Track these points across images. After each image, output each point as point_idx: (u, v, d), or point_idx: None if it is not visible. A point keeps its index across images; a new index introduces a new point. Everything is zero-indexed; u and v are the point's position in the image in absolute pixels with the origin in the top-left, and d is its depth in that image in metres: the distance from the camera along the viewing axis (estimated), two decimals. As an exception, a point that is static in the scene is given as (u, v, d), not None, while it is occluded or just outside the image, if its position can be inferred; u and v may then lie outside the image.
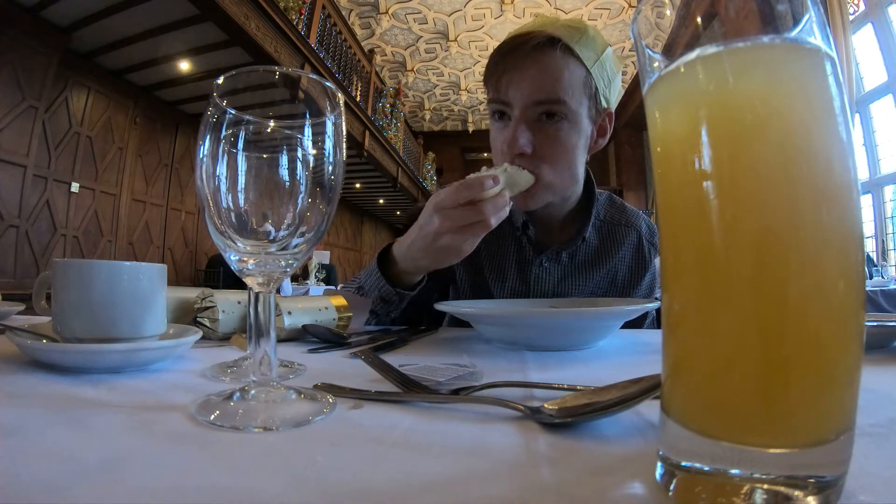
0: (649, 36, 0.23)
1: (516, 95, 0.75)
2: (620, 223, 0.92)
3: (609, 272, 0.90)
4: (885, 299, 3.46)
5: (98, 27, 4.26)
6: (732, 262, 0.19)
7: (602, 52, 0.78)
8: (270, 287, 0.34)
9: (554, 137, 0.76)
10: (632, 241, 0.91)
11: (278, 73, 0.35)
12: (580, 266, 0.89)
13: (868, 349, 0.26)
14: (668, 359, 0.22)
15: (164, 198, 5.93)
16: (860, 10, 5.24)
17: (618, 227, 0.92)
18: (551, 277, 0.89)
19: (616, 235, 0.91)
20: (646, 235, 0.92)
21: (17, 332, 0.47)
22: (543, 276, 0.89)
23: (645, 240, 0.92)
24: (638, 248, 0.91)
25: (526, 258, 0.90)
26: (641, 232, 0.92)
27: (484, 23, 8.59)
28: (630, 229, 0.92)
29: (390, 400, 0.35)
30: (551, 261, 0.88)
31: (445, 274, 0.92)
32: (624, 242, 0.91)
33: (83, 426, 0.29)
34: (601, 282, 0.89)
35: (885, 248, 5.25)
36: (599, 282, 0.89)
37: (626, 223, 0.92)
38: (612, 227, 0.92)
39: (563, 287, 0.89)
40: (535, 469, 0.24)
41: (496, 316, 0.64)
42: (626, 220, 0.93)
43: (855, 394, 0.19)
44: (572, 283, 0.89)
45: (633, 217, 0.94)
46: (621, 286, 0.90)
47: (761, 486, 0.18)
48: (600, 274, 0.89)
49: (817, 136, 0.19)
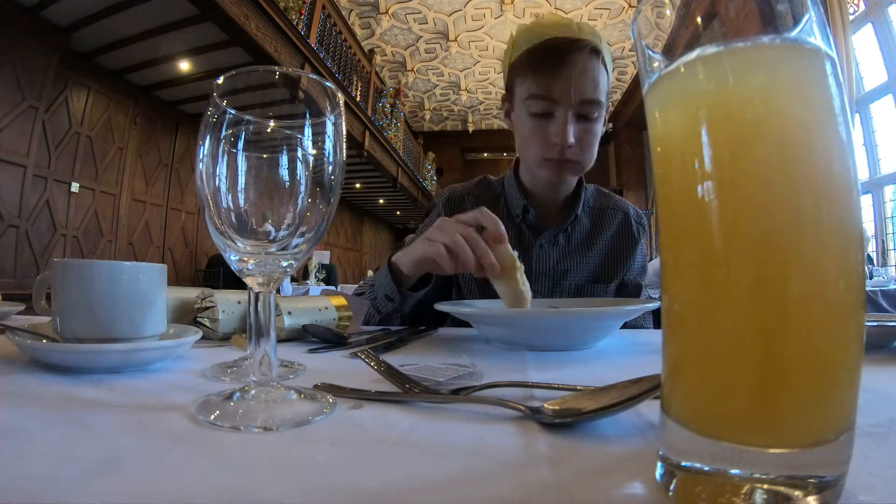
0: (649, 36, 0.23)
1: (564, 93, 0.84)
2: (609, 207, 1.04)
3: (601, 250, 1.00)
4: (885, 299, 3.45)
5: (98, 27, 4.26)
6: (732, 262, 0.19)
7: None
8: (270, 287, 0.34)
9: (589, 129, 0.88)
10: (619, 220, 1.02)
11: (278, 73, 0.35)
12: (576, 247, 0.99)
13: (868, 349, 0.26)
14: (668, 359, 0.22)
15: (164, 198, 5.94)
16: (860, 10, 5.24)
17: (607, 210, 1.03)
18: (550, 258, 0.98)
19: (606, 218, 1.02)
20: (633, 216, 1.04)
21: (17, 332, 0.47)
22: (543, 256, 0.97)
23: (632, 219, 1.03)
24: (626, 226, 1.02)
25: (525, 242, 0.98)
26: (629, 213, 1.04)
27: (484, 23, 8.59)
28: (617, 211, 1.04)
29: (390, 400, 0.35)
30: (550, 242, 0.97)
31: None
32: (613, 223, 1.02)
33: (83, 426, 0.29)
34: (596, 259, 0.99)
35: (885, 248, 5.25)
36: (594, 259, 0.99)
37: (614, 206, 1.04)
38: (601, 211, 1.03)
39: (562, 267, 0.98)
40: (535, 469, 0.23)
41: (496, 316, 0.64)
42: (613, 205, 1.05)
43: (855, 394, 0.19)
44: (570, 264, 0.98)
45: (621, 202, 1.06)
46: (614, 260, 1.00)
47: (761, 486, 0.18)
48: (594, 252, 0.99)
49: (817, 136, 0.19)
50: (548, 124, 0.87)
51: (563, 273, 0.97)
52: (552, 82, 0.85)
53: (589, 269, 0.99)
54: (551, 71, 0.84)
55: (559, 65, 0.84)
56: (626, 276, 1.00)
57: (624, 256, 1.00)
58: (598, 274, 0.99)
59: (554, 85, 0.85)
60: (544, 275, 0.97)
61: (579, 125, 0.87)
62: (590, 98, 0.85)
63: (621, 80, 9.43)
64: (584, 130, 0.88)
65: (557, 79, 0.84)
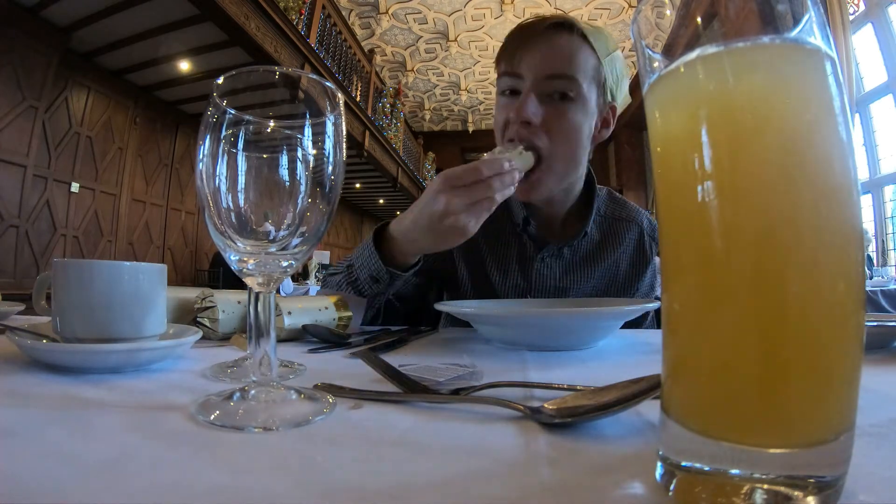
0: (649, 36, 0.23)
1: (530, 67, 0.76)
2: (622, 218, 0.92)
3: (610, 267, 0.89)
4: (885, 299, 3.46)
5: (98, 27, 4.26)
6: (732, 262, 0.19)
7: (613, 51, 0.81)
8: (270, 287, 0.34)
9: (562, 113, 0.76)
10: (633, 236, 0.91)
11: (278, 73, 0.35)
12: (581, 261, 0.89)
13: (868, 349, 0.26)
14: (668, 359, 0.22)
15: (164, 198, 5.94)
16: (860, 10, 5.24)
17: (619, 222, 0.92)
18: (553, 273, 0.88)
19: (617, 230, 0.91)
20: (647, 230, 0.92)
21: (17, 332, 0.47)
22: (545, 271, 0.88)
23: (646, 234, 0.92)
24: (639, 243, 0.91)
25: (527, 254, 0.89)
26: (643, 227, 0.92)
27: (484, 23, 8.60)
28: (631, 224, 0.92)
29: (390, 400, 0.35)
30: (553, 256, 0.88)
31: (445, 270, 0.92)
32: (625, 237, 0.91)
33: (83, 426, 0.29)
34: (602, 277, 0.89)
35: (885, 248, 5.25)
36: (601, 277, 0.89)
37: (628, 218, 0.93)
38: (612, 222, 0.92)
39: (565, 283, 0.88)
40: (535, 469, 0.23)
41: (496, 316, 0.64)
42: (627, 215, 0.93)
43: (855, 394, 0.19)
44: (574, 279, 0.88)
45: (634, 212, 0.94)
46: (623, 281, 0.90)
47: (761, 486, 0.18)
48: (601, 269, 0.89)
49: (817, 136, 0.19)
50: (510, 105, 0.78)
51: (564, 290, 0.87)
52: (514, 56, 0.78)
53: (593, 287, 0.89)
54: (517, 44, 0.78)
55: (528, 38, 0.77)
56: (635, 293, 0.91)
57: (634, 277, 0.90)
58: (604, 292, 0.90)
59: (515, 58, 0.77)
60: (543, 292, 0.88)
61: (548, 106, 0.76)
62: (557, 72, 0.75)
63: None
64: (554, 114, 0.76)
65: (520, 51, 0.77)
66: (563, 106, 0.77)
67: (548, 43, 0.76)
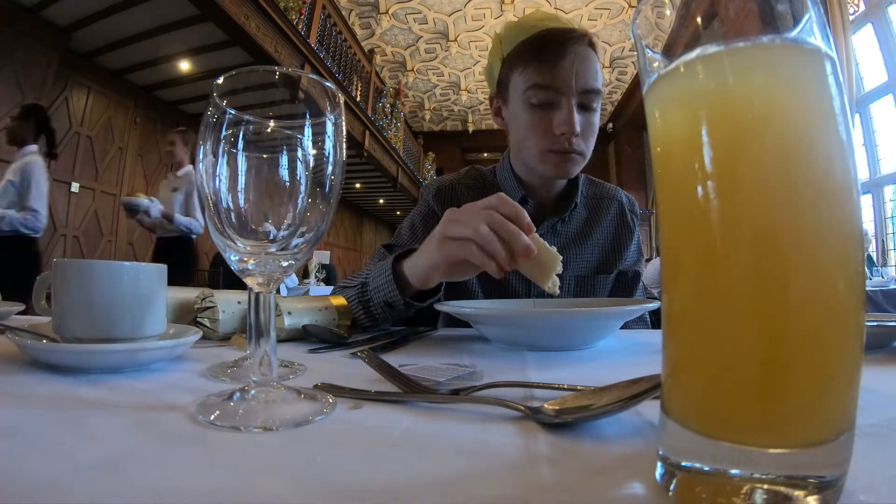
0: (649, 36, 0.23)
1: (570, 83, 0.84)
2: (603, 196, 1.05)
3: (599, 240, 1.01)
4: (885, 299, 3.45)
5: (98, 27, 4.26)
6: (732, 262, 0.19)
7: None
8: (270, 287, 0.34)
9: (591, 121, 0.89)
10: (615, 210, 1.04)
11: (278, 73, 0.35)
12: (573, 238, 0.99)
13: (868, 349, 0.26)
14: (668, 359, 0.22)
15: (164, 198, 5.92)
16: (860, 10, 5.24)
17: (601, 200, 1.05)
18: None
19: (600, 207, 1.04)
20: (626, 205, 1.06)
21: (17, 332, 0.47)
22: None
23: (626, 208, 1.05)
24: (621, 216, 1.04)
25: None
26: (622, 202, 1.06)
27: (484, 23, 8.59)
28: (612, 200, 1.05)
29: (390, 400, 0.35)
30: (549, 232, 0.97)
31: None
32: (608, 212, 1.03)
33: (83, 426, 0.29)
34: (594, 250, 1.01)
35: (885, 248, 5.25)
36: (592, 250, 1.00)
37: (608, 196, 1.06)
38: (595, 201, 1.04)
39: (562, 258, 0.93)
40: (535, 469, 0.23)
41: (496, 316, 0.64)
42: (607, 193, 1.06)
43: (855, 394, 0.19)
44: (569, 255, 0.98)
45: (613, 190, 1.08)
46: (611, 251, 1.02)
47: (761, 486, 0.18)
48: (591, 243, 1.01)
49: (817, 136, 0.19)
50: (550, 115, 0.85)
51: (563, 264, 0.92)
52: (554, 71, 0.83)
53: (588, 261, 0.99)
54: (553, 59, 0.83)
55: (560, 52, 0.83)
56: (624, 264, 1.01)
57: (621, 246, 1.02)
58: (597, 265, 1.00)
59: (556, 73, 0.83)
60: None
61: (581, 115, 0.86)
62: (591, 87, 0.85)
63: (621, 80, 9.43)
64: (586, 121, 0.87)
65: (559, 67, 0.83)
66: (591, 115, 0.88)
67: (586, 59, 0.85)
